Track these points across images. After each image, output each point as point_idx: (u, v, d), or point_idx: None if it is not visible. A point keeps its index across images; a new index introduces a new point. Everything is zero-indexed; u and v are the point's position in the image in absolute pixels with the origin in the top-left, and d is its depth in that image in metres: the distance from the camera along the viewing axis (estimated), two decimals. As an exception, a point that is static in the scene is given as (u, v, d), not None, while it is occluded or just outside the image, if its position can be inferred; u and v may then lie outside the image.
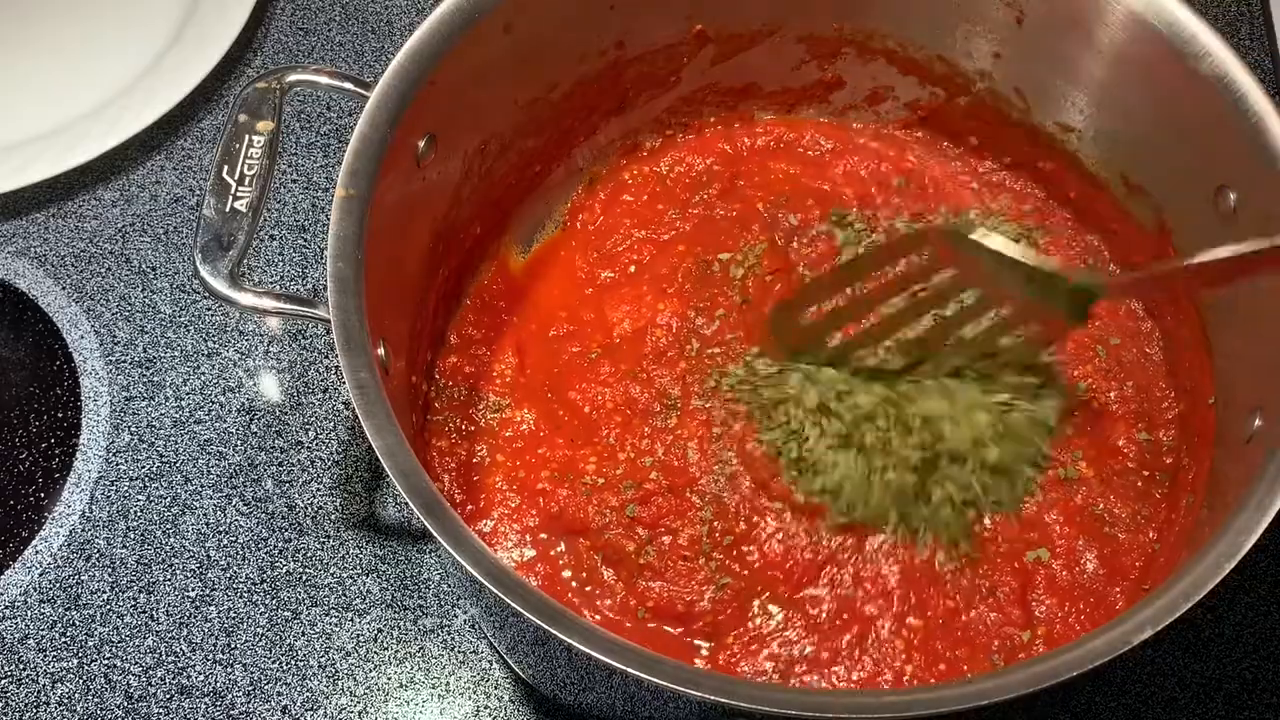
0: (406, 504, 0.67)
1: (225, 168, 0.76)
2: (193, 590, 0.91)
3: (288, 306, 0.74)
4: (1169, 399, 0.85)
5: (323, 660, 0.88)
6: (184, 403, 0.98)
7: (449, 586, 0.90)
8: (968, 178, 0.96)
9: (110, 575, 0.91)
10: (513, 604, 0.59)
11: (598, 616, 0.79)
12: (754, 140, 0.98)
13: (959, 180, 0.96)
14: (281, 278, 1.04)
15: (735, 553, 0.79)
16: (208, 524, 0.93)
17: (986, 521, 0.80)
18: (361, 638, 0.89)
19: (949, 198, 0.94)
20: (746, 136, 0.98)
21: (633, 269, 0.92)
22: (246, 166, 0.76)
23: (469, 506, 0.83)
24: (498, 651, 0.88)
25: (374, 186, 0.73)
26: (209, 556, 0.92)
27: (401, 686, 0.87)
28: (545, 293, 0.93)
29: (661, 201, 0.96)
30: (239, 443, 0.96)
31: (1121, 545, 0.80)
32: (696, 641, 0.78)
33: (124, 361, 1.00)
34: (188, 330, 1.01)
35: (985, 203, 0.94)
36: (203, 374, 0.99)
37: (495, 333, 0.90)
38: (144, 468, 0.95)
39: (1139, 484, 0.82)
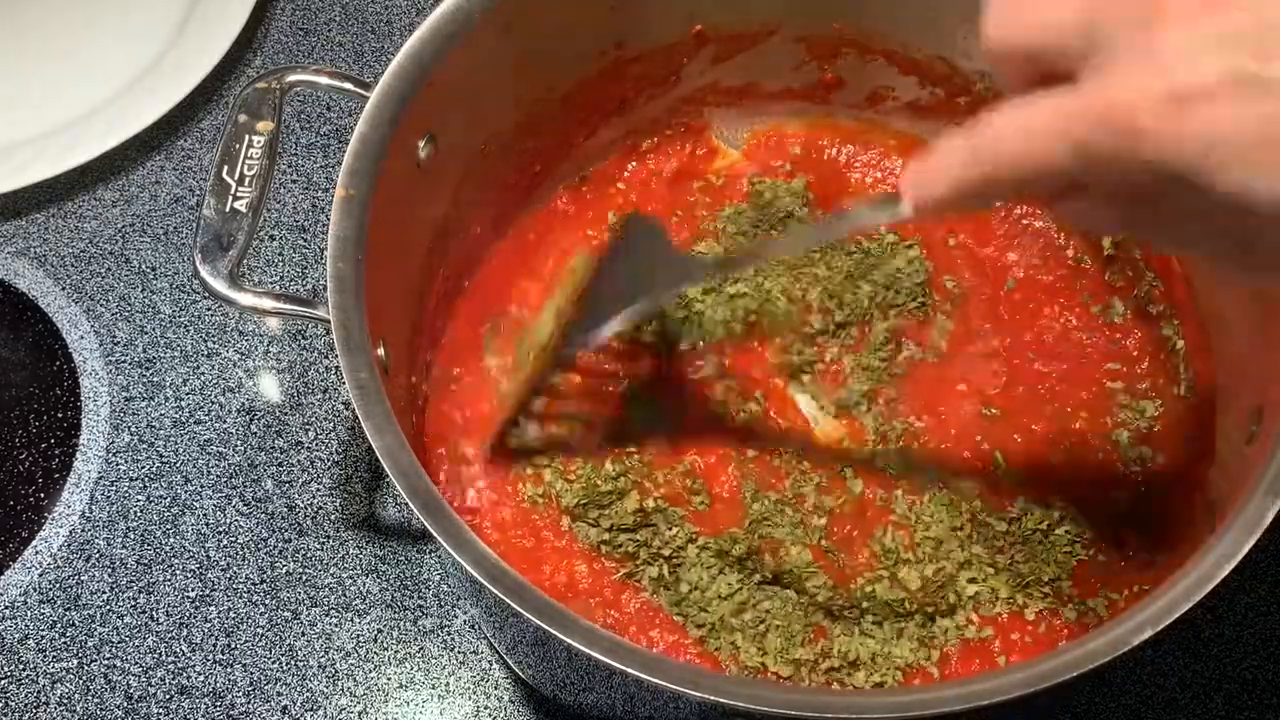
0: (406, 504, 0.67)
1: (225, 168, 0.76)
2: (193, 590, 0.91)
3: (287, 307, 0.74)
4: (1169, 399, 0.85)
5: (323, 660, 0.88)
6: (184, 403, 0.98)
7: (449, 586, 0.90)
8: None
9: (110, 575, 0.91)
10: (513, 604, 0.59)
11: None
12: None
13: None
14: (281, 278, 1.04)
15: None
16: (208, 524, 0.93)
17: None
18: (361, 638, 0.89)
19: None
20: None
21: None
22: (246, 166, 0.76)
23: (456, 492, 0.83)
24: (498, 651, 0.88)
25: (374, 186, 0.73)
26: (209, 557, 0.92)
27: (401, 687, 0.87)
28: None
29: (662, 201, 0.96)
30: (239, 443, 0.96)
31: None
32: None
33: (124, 361, 1.00)
34: (188, 330, 1.01)
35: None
36: (203, 374, 0.99)
37: (494, 330, 0.90)
38: (144, 468, 0.95)
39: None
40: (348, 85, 0.79)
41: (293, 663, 0.88)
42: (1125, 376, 0.86)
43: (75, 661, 0.88)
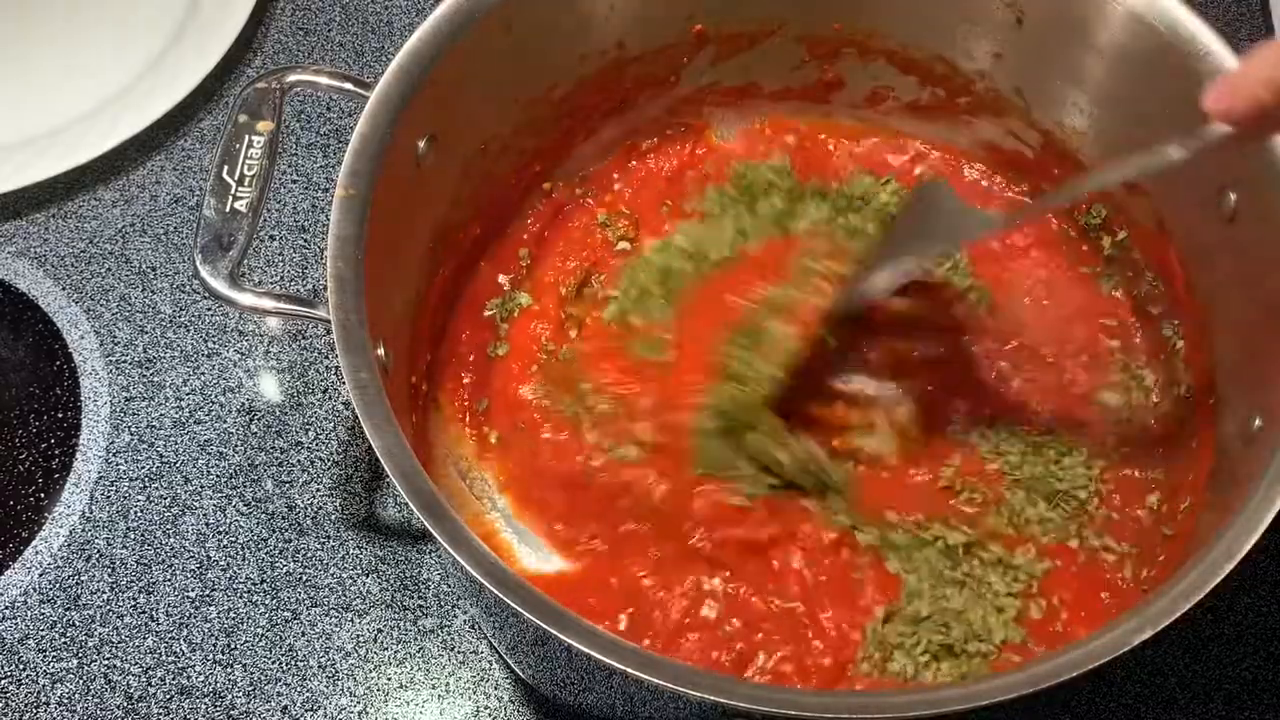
0: (406, 504, 0.67)
1: (225, 168, 0.76)
2: (193, 590, 0.91)
3: (288, 307, 0.74)
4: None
5: (323, 660, 0.88)
6: (184, 403, 0.98)
7: (449, 586, 0.90)
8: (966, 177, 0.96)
9: (110, 575, 0.91)
10: (513, 604, 0.59)
11: None
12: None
13: (957, 180, 0.96)
14: (281, 278, 1.04)
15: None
16: (208, 524, 0.93)
17: None
18: (361, 638, 0.89)
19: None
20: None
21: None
22: (246, 166, 0.76)
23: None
24: (498, 651, 0.88)
25: (374, 186, 0.73)
26: (209, 557, 0.92)
27: (401, 687, 0.87)
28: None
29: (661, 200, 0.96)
30: (239, 443, 0.96)
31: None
32: None
33: (124, 361, 1.00)
34: (188, 330, 1.01)
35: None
36: (203, 374, 0.99)
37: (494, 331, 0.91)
38: (144, 468, 0.95)
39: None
40: (348, 85, 0.80)
41: (293, 663, 0.88)
42: (1121, 335, 0.87)
43: (75, 661, 0.88)
